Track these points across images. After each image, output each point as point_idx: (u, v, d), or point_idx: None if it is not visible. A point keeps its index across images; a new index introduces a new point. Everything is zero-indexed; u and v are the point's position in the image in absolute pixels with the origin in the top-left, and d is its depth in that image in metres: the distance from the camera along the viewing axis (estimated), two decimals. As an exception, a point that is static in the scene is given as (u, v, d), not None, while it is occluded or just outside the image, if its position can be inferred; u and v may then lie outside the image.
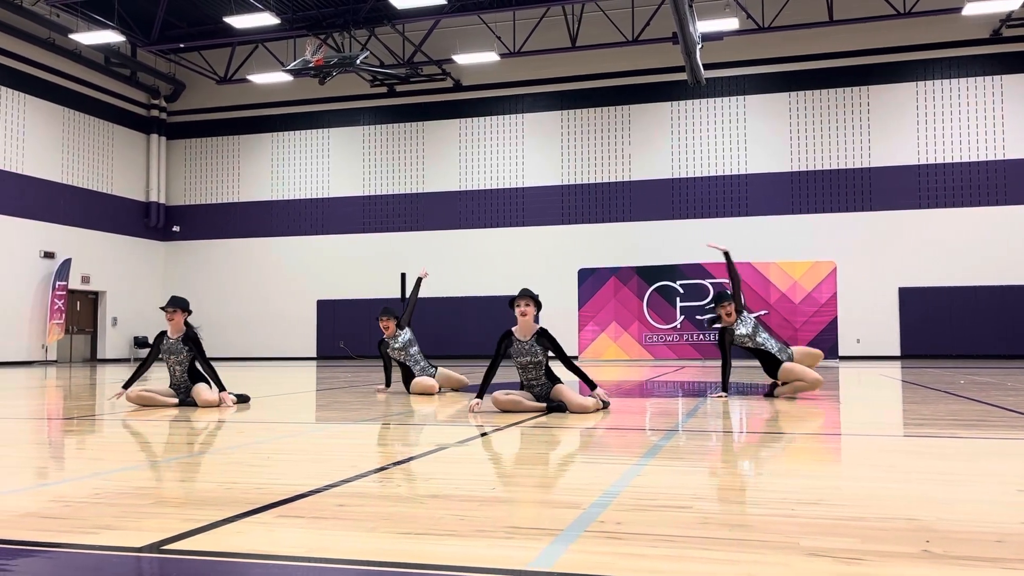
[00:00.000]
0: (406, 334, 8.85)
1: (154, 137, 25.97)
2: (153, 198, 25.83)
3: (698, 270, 19.82)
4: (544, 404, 6.39)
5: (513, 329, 6.52)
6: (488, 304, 22.98)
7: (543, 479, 3.51)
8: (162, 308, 7.39)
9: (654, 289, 19.89)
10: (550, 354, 6.48)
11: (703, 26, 18.25)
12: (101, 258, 23.86)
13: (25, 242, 21.47)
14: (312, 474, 3.63)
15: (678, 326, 19.65)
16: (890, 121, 21.50)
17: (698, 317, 19.26)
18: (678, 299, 19.75)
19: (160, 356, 7.28)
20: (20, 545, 2.38)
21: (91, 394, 9.27)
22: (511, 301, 6.49)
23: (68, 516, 2.75)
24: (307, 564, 2.15)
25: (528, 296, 6.43)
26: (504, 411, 6.33)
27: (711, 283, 19.54)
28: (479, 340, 22.95)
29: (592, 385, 6.46)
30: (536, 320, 6.48)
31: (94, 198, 23.84)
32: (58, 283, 21.91)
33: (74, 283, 22.75)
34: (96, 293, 24.10)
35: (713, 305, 7.74)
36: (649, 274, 20.04)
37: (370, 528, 2.54)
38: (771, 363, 7.57)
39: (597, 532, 2.46)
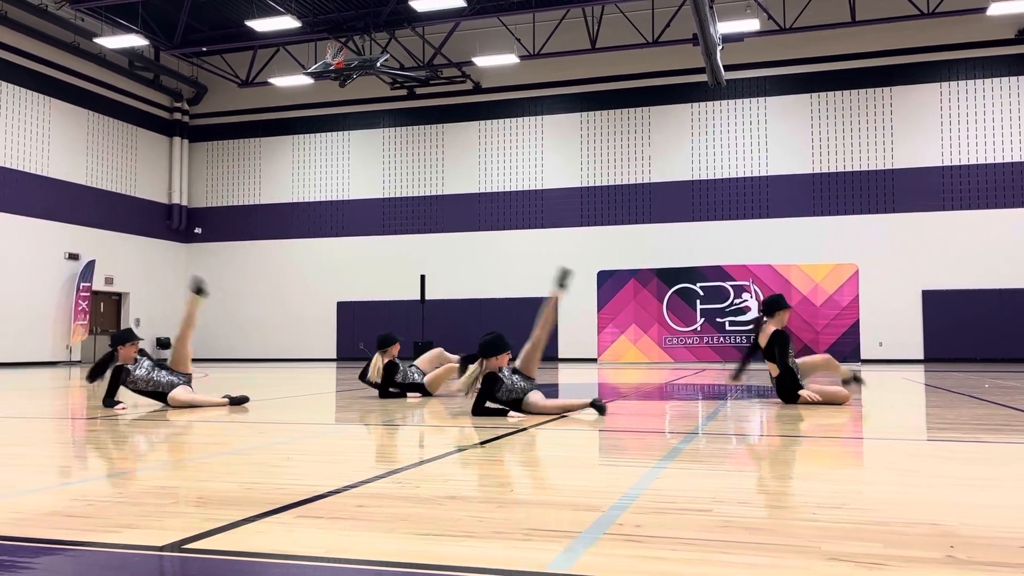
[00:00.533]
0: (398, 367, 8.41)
1: (176, 140, 26.21)
2: (175, 200, 26.07)
3: (718, 272, 19.73)
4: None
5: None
6: (507, 306, 22.98)
7: (561, 481, 3.50)
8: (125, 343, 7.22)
9: (674, 291, 19.82)
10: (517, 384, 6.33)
11: (724, 27, 18.17)
12: (124, 260, 24.11)
13: (50, 244, 21.74)
14: (331, 475, 3.64)
15: (698, 329, 19.57)
16: (914, 122, 21.29)
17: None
18: (698, 301, 19.67)
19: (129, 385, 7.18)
20: (44, 543, 2.41)
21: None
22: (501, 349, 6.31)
23: (91, 515, 2.78)
24: (326, 564, 2.16)
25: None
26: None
27: (731, 285, 19.44)
28: (498, 342, 22.95)
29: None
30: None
31: (118, 200, 24.10)
32: (82, 284, 22.17)
33: (98, 284, 23.01)
34: (119, 294, 24.36)
35: (763, 315, 7.24)
36: (669, 276, 19.96)
37: (389, 529, 2.54)
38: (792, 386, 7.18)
39: (616, 535, 2.45)
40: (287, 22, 20.19)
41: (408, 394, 8.27)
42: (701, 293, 19.69)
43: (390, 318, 22.95)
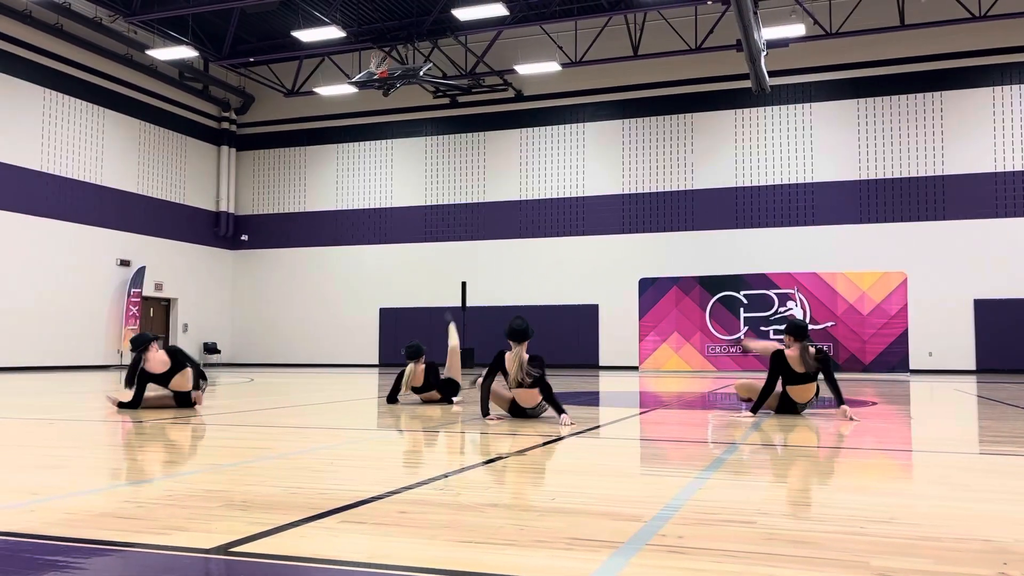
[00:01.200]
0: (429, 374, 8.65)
1: (224, 149, 26.72)
2: (223, 208, 26.57)
3: (762, 280, 19.49)
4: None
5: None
6: (548, 313, 22.96)
7: (603, 491, 3.48)
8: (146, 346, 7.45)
9: (717, 299, 19.62)
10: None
11: (768, 33, 18.00)
12: (173, 266, 24.63)
13: (103, 250, 22.29)
14: (374, 480, 3.67)
15: (741, 337, 19.34)
16: (965, 127, 20.81)
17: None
18: (742, 310, 19.45)
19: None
20: (96, 544, 2.47)
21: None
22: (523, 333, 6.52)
23: (141, 516, 2.84)
24: (369, 570, 2.18)
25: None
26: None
27: (776, 294, 19.20)
28: (539, 349, 22.92)
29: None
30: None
31: (167, 208, 24.63)
32: (133, 290, 22.69)
33: (148, 290, 23.52)
34: (168, 300, 24.87)
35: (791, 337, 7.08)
36: (712, 284, 19.78)
37: (431, 535, 2.55)
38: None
39: (659, 546, 2.43)
40: (332, 32, 20.48)
41: (440, 395, 8.49)
42: (745, 301, 19.46)
43: (431, 325, 23.05)
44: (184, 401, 7.50)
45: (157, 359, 7.41)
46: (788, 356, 6.88)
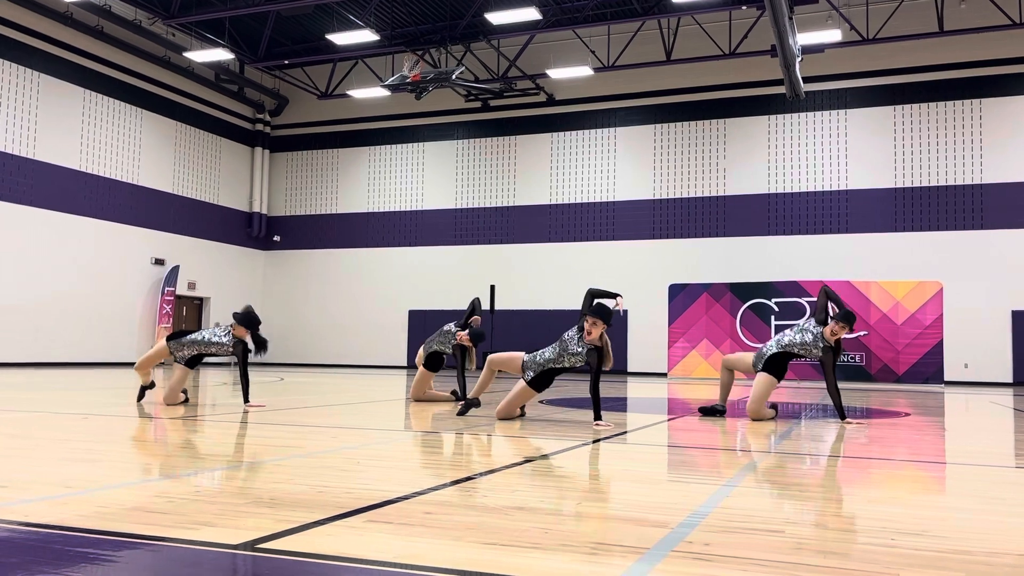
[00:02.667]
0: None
1: (258, 150, 27.03)
2: (256, 209, 26.86)
3: (794, 288, 19.27)
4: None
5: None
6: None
7: (629, 496, 3.46)
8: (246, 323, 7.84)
9: (748, 307, 19.44)
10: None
11: (803, 38, 17.82)
12: (206, 265, 24.95)
13: (138, 249, 22.65)
14: (400, 481, 3.69)
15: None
16: (1005, 135, 20.44)
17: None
18: (772, 317, 19.25)
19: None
20: (126, 537, 2.50)
21: (194, 395, 9.67)
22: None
23: (171, 511, 2.87)
24: (395, 570, 2.18)
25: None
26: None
27: (808, 302, 18.97)
28: (567, 354, 22.88)
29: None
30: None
31: (201, 208, 24.97)
32: (167, 288, 23.03)
33: (181, 289, 23.85)
34: (201, 299, 25.19)
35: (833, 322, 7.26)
36: (743, 291, 19.59)
37: (456, 537, 2.56)
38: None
39: (684, 553, 2.42)
40: (366, 35, 20.65)
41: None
42: (776, 309, 19.25)
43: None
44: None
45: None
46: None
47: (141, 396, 8.07)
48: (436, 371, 9.29)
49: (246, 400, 7.80)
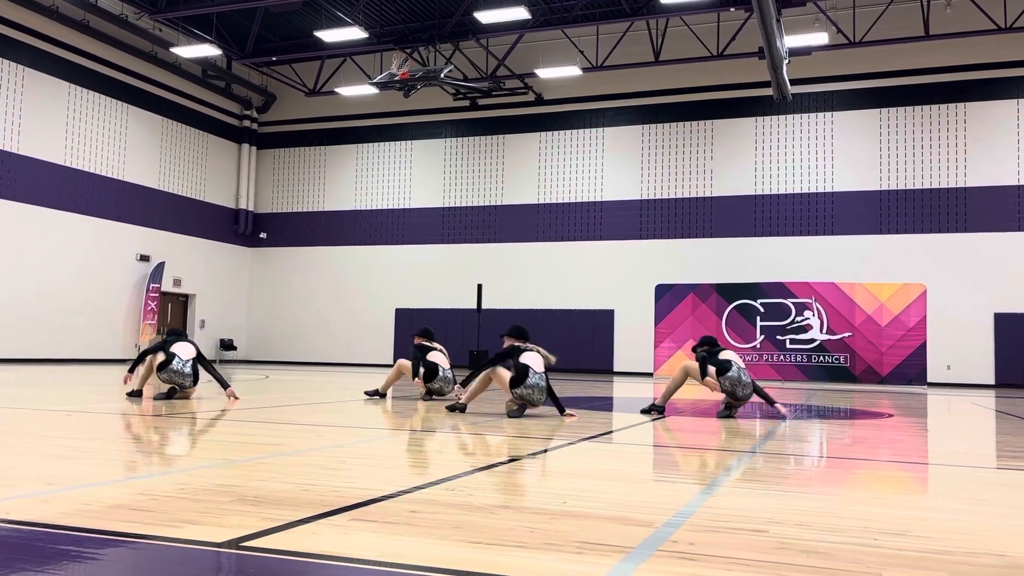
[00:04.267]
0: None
1: (245, 147, 26.91)
2: (242, 205, 26.74)
3: (780, 289, 19.37)
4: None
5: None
6: (563, 318, 22.95)
7: (615, 495, 3.48)
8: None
9: (733, 307, 19.52)
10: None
11: (791, 41, 17.91)
12: (192, 262, 24.81)
13: (123, 245, 22.50)
14: (385, 479, 3.69)
15: (757, 346, 19.23)
16: (988, 140, 20.62)
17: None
18: (758, 318, 19.34)
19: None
20: (109, 535, 2.49)
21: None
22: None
23: (154, 509, 2.86)
24: (379, 568, 2.18)
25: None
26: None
27: (793, 303, 19.08)
28: (554, 353, 22.88)
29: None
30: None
31: (187, 204, 24.83)
32: (152, 285, 22.88)
33: (166, 286, 23.71)
34: (186, 296, 25.05)
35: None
36: (729, 292, 19.68)
37: (441, 536, 2.56)
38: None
39: (669, 552, 2.43)
40: (354, 33, 20.59)
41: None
42: (762, 310, 19.35)
43: (446, 326, 23.11)
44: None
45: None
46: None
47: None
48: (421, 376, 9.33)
49: (225, 386, 8.05)
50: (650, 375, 20.54)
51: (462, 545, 2.45)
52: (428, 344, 9.66)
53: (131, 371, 8.60)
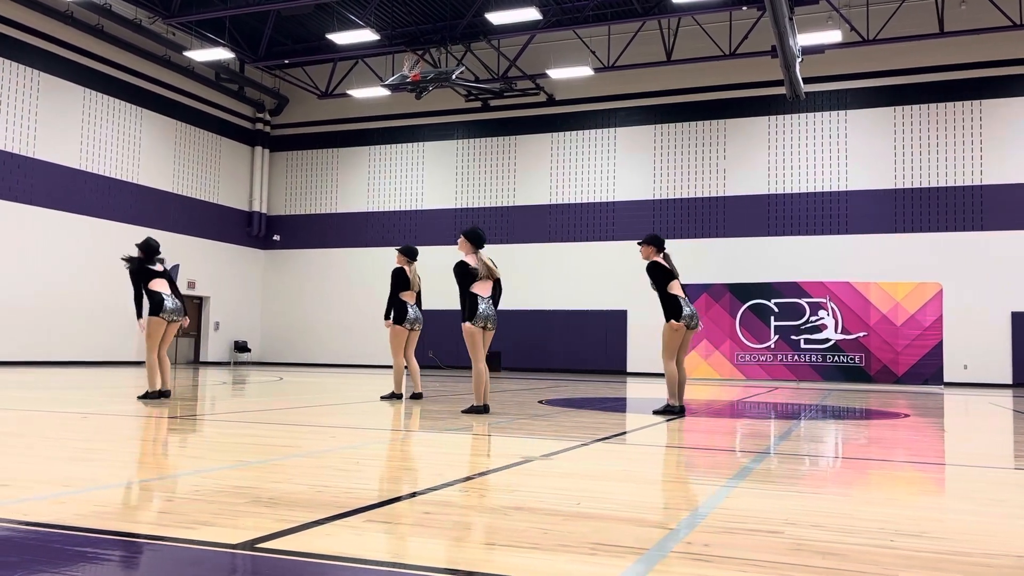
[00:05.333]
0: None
1: (258, 149, 27.02)
2: (255, 208, 26.86)
3: (794, 289, 19.28)
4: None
5: None
6: (576, 318, 22.91)
7: (629, 496, 3.46)
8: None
9: (747, 307, 19.44)
10: None
11: (804, 39, 17.82)
12: (206, 265, 24.93)
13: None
14: (399, 481, 3.69)
15: (772, 346, 19.15)
16: (1004, 136, 20.44)
17: None
18: (772, 318, 19.26)
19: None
20: (125, 536, 2.50)
21: (193, 395, 9.67)
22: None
23: (169, 511, 2.87)
24: (393, 570, 2.18)
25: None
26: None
27: (807, 302, 18.99)
28: (567, 354, 22.90)
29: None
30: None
31: (201, 207, 24.96)
32: (166, 288, 22.98)
33: (181, 288, 23.83)
34: (201, 298, 25.18)
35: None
36: (742, 292, 19.60)
37: (455, 537, 2.56)
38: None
39: (684, 553, 2.42)
40: (366, 35, 20.64)
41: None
42: (776, 310, 19.26)
43: (458, 327, 23.10)
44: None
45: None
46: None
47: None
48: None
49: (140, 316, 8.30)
50: (663, 376, 20.45)
51: (476, 546, 2.45)
52: (409, 274, 10.10)
53: (140, 316, 8.45)
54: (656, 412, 7.96)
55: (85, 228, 21.11)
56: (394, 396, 9.50)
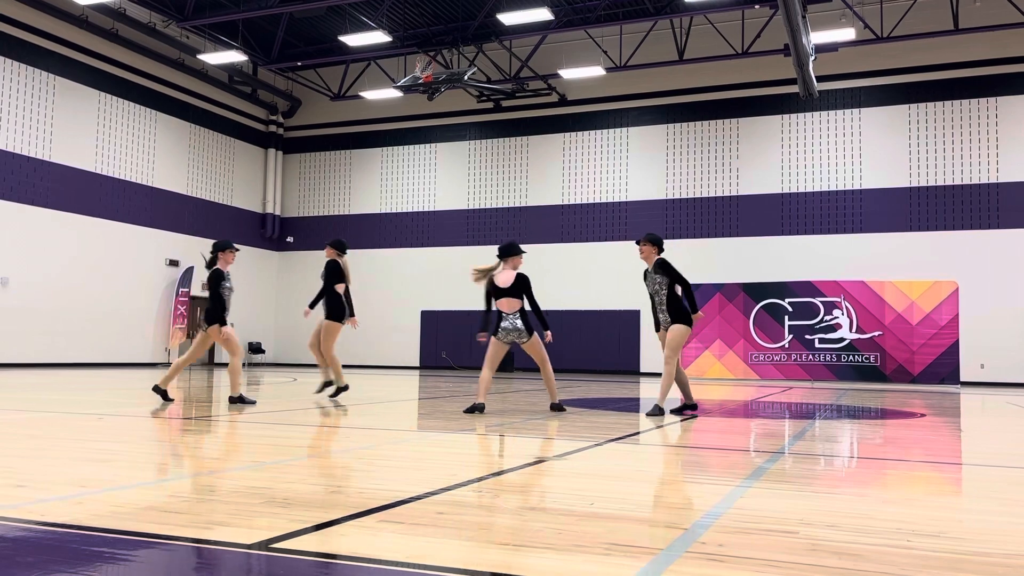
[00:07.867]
0: None
1: (271, 151, 27.14)
2: (269, 210, 26.97)
3: (808, 288, 19.19)
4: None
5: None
6: (589, 318, 22.88)
7: (643, 497, 3.45)
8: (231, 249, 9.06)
9: (761, 307, 19.37)
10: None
11: (817, 37, 17.74)
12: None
13: (153, 250, 22.79)
14: (413, 481, 3.69)
15: (786, 345, 19.07)
16: (1020, 134, 20.26)
17: None
18: (786, 318, 19.18)
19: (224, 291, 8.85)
20: (141, 537, 2.51)
21: (208, 396, 9.72)
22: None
23: (185, 511, 2.89)
24: (407, 570, 2.19)
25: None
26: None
27: (822, 302, 18.89)
28: (580, 354, 22.86)
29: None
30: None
31: (215, 209, 25.09)
32: (181, 289, 23.14)
33: (195, 290, 23.96)
34: (215, 300, 25.27)
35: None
36: (756, 291, 19.53)
37: (469, 537, 2.56)
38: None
39: (698, 553, 2.41)
40: (378, 37, 20.70)
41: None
42: (790, 309, 19.18)
43: (472, 327, 23.13)
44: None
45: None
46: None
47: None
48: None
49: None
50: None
51: (490, 547, 2.44)
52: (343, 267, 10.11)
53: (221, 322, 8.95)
54: (673, 412, 7.94)
55: (100, 231, 21.26)
56: (340, 389, 9.73)
